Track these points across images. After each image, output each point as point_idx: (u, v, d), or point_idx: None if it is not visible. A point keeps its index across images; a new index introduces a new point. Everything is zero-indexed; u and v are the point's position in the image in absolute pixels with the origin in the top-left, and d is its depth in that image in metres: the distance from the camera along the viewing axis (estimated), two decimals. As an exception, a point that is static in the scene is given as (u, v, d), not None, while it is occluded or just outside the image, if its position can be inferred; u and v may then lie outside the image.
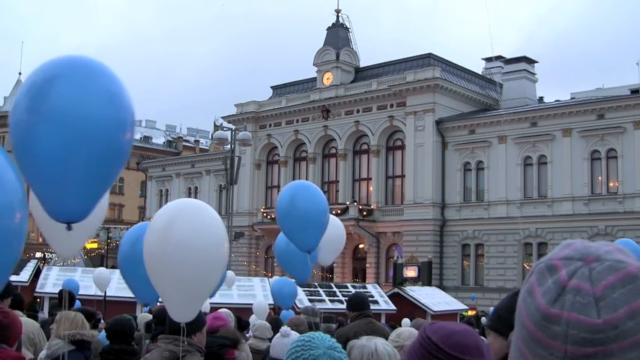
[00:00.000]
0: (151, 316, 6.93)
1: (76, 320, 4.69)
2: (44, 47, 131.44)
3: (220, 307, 7.40)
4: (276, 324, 7.23)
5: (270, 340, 6.64)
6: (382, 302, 20.83)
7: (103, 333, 6.57)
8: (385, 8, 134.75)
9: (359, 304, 5.73)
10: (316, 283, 22.31)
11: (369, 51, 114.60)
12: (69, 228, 2.81)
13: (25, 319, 5.09)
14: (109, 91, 2.79)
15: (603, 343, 0.89)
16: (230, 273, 13.90)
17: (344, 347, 2.73)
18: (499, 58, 42.80)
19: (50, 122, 2.62)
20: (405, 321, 13.11)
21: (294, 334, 4.73)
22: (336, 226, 6.96)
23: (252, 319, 9.08)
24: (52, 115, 2.62)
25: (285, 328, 4.93)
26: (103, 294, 13.53)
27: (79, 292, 12.46)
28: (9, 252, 2.18)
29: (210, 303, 10.39)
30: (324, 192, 40.26)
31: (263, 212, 41.37)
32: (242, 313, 9.10)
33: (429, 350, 1.77)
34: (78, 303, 9.67)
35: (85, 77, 2.75)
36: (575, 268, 0.94)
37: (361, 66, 41.87)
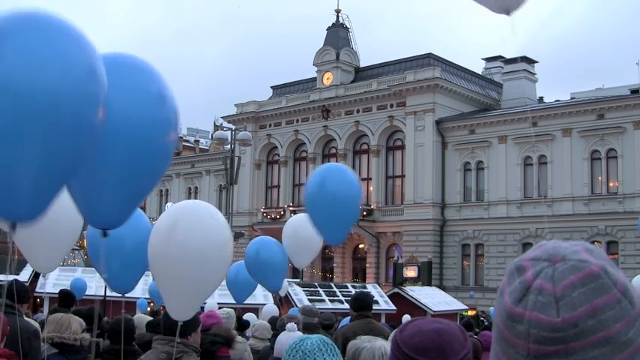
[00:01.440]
0: (149, 317, 6.94)
1: (61, 322, 4.52)
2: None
3: (222, 307, 7.41)
4: (275, 324, 7.22)
5: (270, 340, 6.64)
6: (382, 302, 20.79)
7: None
8: (387, 8, 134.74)
9: (362, 304, 5.70)
10: (316, 283, 22.32)
11: (371, 51, 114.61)
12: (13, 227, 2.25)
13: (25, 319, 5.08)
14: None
15: (564, 341, 0.90)
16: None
17: (344, 347, 2.73)
18: (499, 58, 42.80)
19: None
20: (406, 317, 13.09)
21: (299, 333, 4.74)
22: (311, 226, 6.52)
23: (250, 317, 9.07)
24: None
25: (291, 324, 4.93)
26: (103, 294, 13.49)
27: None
28: (160, 167, 2.22)
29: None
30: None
31: (263, 212, 41.35)
32: (242, 314, 9.09)
33: (393, 349, 1.77)
34: None
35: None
36: (540, 269, 0.95)
37: (361, 66, 41.86)
